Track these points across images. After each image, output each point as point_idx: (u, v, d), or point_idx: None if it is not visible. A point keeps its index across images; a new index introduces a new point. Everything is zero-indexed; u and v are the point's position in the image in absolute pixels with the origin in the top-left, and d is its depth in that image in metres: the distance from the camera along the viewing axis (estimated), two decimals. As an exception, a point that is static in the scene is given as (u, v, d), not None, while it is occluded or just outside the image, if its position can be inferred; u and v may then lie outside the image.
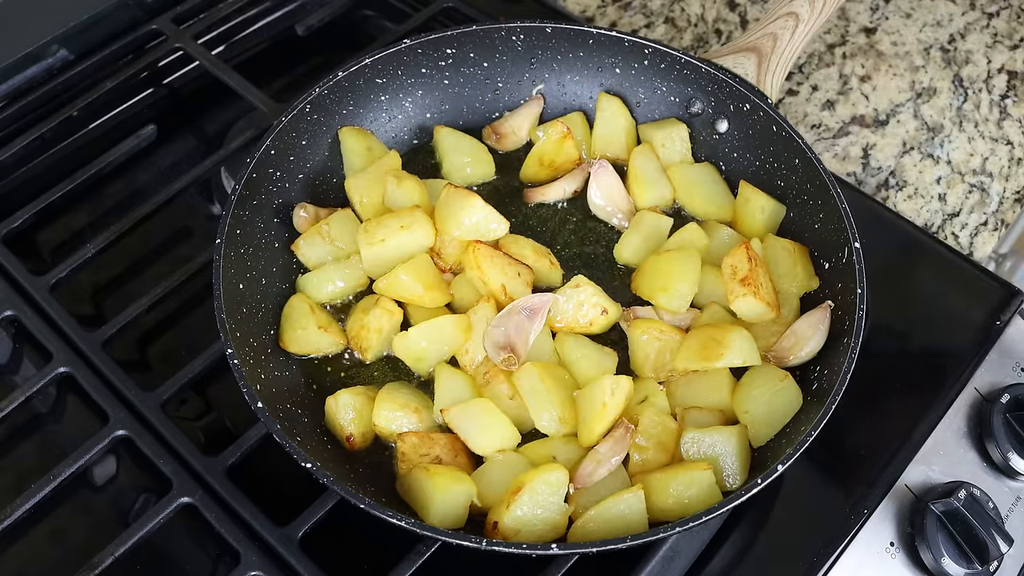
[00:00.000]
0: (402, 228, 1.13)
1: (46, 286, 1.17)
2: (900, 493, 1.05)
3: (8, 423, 1.12)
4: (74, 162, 1.34)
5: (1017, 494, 1.07)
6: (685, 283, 1.12)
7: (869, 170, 1.39)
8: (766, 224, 1.19)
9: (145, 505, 1.07)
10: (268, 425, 0.95)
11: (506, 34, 1.27)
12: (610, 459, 1.00)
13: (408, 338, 1.09)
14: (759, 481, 0.91)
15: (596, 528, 0.96)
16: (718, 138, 1.27)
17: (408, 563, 0.96)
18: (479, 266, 1.11)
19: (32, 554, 1.05)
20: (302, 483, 0.96)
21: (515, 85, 1.32)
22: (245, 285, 1.10)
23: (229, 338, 1.01)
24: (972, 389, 1.12)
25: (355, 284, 1.17)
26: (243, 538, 0.99)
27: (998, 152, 1.41)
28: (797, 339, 1.08)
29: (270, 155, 1.16)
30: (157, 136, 1.35)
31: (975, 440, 1.10)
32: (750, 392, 1.05)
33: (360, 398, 1.06)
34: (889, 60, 1.48)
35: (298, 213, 1.19)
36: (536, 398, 1.03)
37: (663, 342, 1.09)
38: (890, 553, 1.02)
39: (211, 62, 1.40)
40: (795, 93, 1.46)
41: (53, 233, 1.33)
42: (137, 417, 1.07)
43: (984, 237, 1.35)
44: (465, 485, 0.98)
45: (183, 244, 1.32)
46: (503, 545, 0.89)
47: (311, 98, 1.20)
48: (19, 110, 1.38)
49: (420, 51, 1.26)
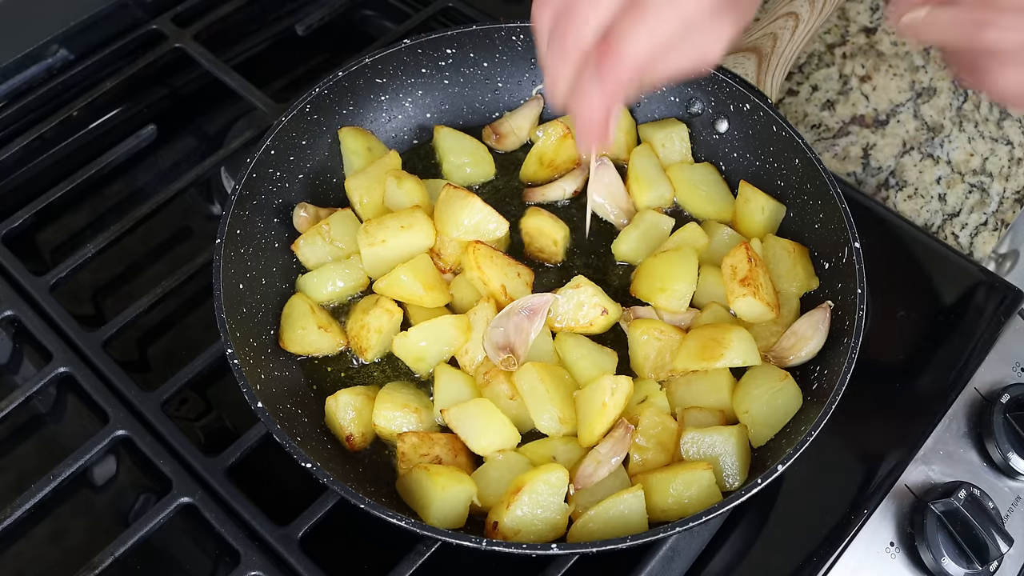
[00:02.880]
0: (402, 228, 1.13)
1: (46, 286, 1.17)
2: (900, 493, 1.05)
3: (8, 423, 1.12)
4: (74, 162, 1.34)
5: (1017, 494, 1.08)
6: (683, 283, 1.12)
7: (869, 170, 1.39)
8: (766, 224, 1.19)
9: (145, 505, 1.07)
10: (268, 425, 0.95)
11: (506, 34, 1.27)
12: (610, 459, 1.00)
13: (408, 338, 1.09)
14: (759, 481, 0.92)
15: (596, 528, 0.96)
16: (718, 138, 1.27)
17: (408, 563, 0.96)
18: (479, 266, 1.11)
19: (32, 554, 1.05)
20: (302, 483, 0.96)
21: (515, 85, 1.32)
22: (245, 285, 1.10)
23: (229, 338, 1.01)
24: (972, 389, 1.13)
25: (355, 284, 1.17)
26: (243, 538, 0.99)
27: (998, 152, 1.41)
28: (797, 339, 1.08)
29: (270, 155, 1.16)
30: (157, 136, 1.35)
31: (975, 440, 1.10)
32: (750, 392, 1.05)
33: (360, 398, 1.06)
34: (889, 60, 1.48)
35: (298, 213, 1.19)
36: (536, 398, 1.03)
37: (663, 342, 1.09)
38: (890, 553, 1.02)
39: (211, 62, 1.40)
40: (795, 93, 1.46)
41: (53, 233, 1.33)
42: (137, 417, 1.07)
43: (984, 237, 1.35)
44: (465, 485, 0.98)
45: (183, 244, 1.32)
46: (503, 545, 0.89)
47: (311, 98, 1.20)
48: (19, 110, 1.38)
49: (420, 51, 1.26)
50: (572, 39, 0.79)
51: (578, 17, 0.78)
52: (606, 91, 0.80)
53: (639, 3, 0.77)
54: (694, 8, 0.77)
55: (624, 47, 0.77)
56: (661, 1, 0.76)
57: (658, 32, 0.77)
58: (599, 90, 0.80)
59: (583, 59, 0.80)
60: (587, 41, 0.79)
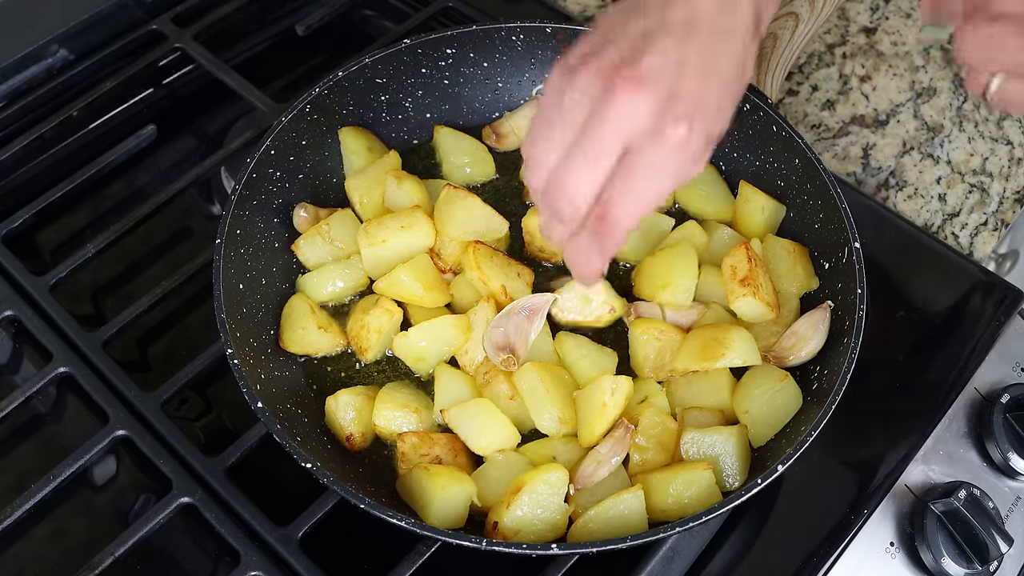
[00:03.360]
0: (402, 228, 1.13)
1: (46, 286, 1.17)
2: (900, 493, 1.05)
3: (8, 423, 1.12)
4: (74, 162, 1.34)
5: (1017, 494, 1.08)
6: (685, 277, 1.12)
7: (869, 170, 1.39)
8: (766, 224, 1.19)
9: (145, 505, 1.07)
10: (268, 425, 0.95)
11: (506, 34, 1.27)
12: (610, 459, 1.00)
13: (408, 338, 1.09)
14: (759, 481, 0.91)
15: (596, 528, 0.96)
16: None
17: (408, 563, 0.96)
18: (479, 267, 1.11)
19: (32, 554, 1.05)
20: (302, 483, 0.96)
21: (515, 85, 1.32)
22: (245, 285, 1.10)
23: (229, 338, 1.01)
24: (972, 389, 1.12)
25: (355, 284, 1.17)
26: (243, 538, 0.99)
27: (998, 152, 1.41)
28: (797, 339, 1.08)
29: (270, 155, 1.16)
30: (157, 136, 1.35)
31: (975, 440, 1.10)
32: (750, 392, 1.05)
33: (360, 398, 1.06)
34: (889, 60, 1.48)
35: (298, 213, 1.19)
36: (536, 398, 1.03)
37: (663, 342, 1.09)
38: (890, 553, 1.02)
39: (211, 62, 1.40)
40: (795, 93, 1.46)
41: (53, 233, 1.33)
42: (137, 417, 1.07)
43: (984, 237, 1.35)
44: (465, 485, 0.98)
45: (183, 244, 1.32)
46: (503, 545, 0.89)
47: (311, 98, 1.20)
48: (19, 110, 1.38)
49: (420, 51, 1.26)
50: (567, 209, 0.81)
51: (570, 188, 0.80)
52: (604, 250, 0.84)
53: (630, 167, 0.78)
54: (682, 160, 0.79)
55: (619, 212, 0.80)
56: (651, 161, 0.78)
57: (651, 191, 0.80)
58: (597, 249, 0.83)
59: (580, 223, 0.83)
60: (582, 210, 0.81)
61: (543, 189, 0.82)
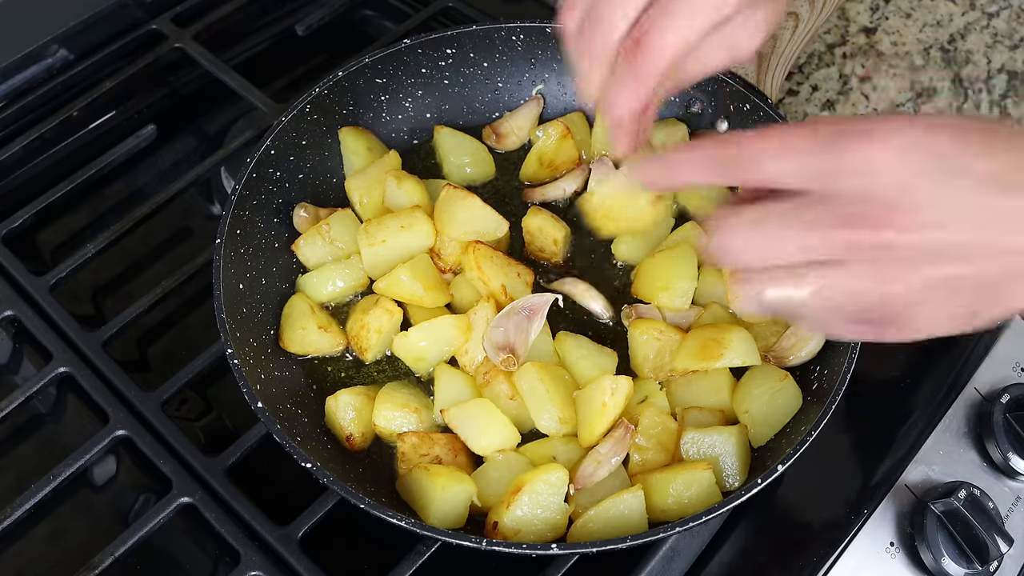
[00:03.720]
0: (402, 228, 1.13)
1: (46, 286, 1.17)
2: (900, 493, 1.05)
3: (8, 423, 1.12)
4: (74, 162, 1.34)
5: (1017, 494, 1.07)
6: (684, 280, 1.12)
7: (869, 170, 1.39)
8: (766, 224, 1.18)
9: (145, 505, 1.07)
10: (268, 425, 0.95)
11: (506, 34, 1.27)
12: (610, 459, 1.00)
13: (408, 338, 1.09)
14: (759, 481, 0.91)
15: (596, 528, 0.96)
16: (718, 138, 1.27)
17: (408, 563, 0.96)
18: (479, 267, 1.11)
19: (32, 554, 1.05)
20: (302, 483, 0.96)
21: (515, 85, 1.32)
22: (245, 285, 1.10)
23: (229, 338, 1.01)
24: (972, 389, 1.12)
25: (355, 284, 1.17)
26: (243, 538, 0.99)
27: (998, 152, 1.41)
28: (797, 339, 1.08)
29: (270, 155, 1.16)
30: (157, 136, 1.35)
31: (975, 440, 1.10)
32: (750, 392, 1.05)
33: (360, 398, 1.06)
34: (889, 60, 1.48)
35: (298, 213, 1.19)
36: (536, 398, 1.03)
37: (663, 342, 1.09)
38: (890, 553, 1.02)
39: (211, 62, 1.40)
40: (795, 93, 1.46)
41: (53, 233, 1.33)
42: (137, 417, 1.07)
43: (984, 237, 1.35)
44: (465, 485, 0.98)
45: (183, 244, 1.32)
46: (503, 545, 0.89)
47: (311, 98, 1.20)
48: (19, 110, 1.38)
49: (420, 51, 1.26)
50: (601, 40, 0.79)
51: (606, 17, 0.79)
52: (639, 82, 0.80)
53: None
54: (723, 2, 0.77)
55: (655, 39, 0.77)
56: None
57: (688, 25, 0.77)
58: (632, 83, 0.80)
59: (614, 58, 0.80)
60: (617, 40, 0.79)
61: (579, 27, 0.80)
